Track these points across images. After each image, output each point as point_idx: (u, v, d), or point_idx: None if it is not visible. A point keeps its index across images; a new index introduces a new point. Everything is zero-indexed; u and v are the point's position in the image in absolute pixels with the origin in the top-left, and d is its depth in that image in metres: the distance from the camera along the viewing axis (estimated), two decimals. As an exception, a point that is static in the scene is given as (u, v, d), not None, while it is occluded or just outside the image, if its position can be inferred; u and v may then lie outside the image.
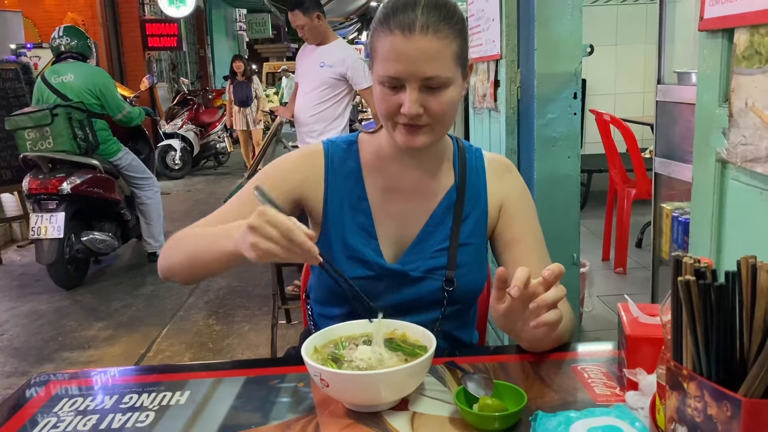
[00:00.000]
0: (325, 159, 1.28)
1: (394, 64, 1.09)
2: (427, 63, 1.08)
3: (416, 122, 1.13)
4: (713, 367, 0.69)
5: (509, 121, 2.51)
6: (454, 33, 1.11)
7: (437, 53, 1.09)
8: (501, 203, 1.29)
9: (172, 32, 10.38)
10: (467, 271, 1.25)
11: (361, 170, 1.27)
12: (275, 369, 1.13)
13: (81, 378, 1.15)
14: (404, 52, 1.08)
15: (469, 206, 1.27)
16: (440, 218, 1.27)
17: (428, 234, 1.26)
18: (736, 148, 1.19)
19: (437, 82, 1.10)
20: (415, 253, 1.25)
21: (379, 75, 1.14)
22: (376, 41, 1.14)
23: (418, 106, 1.11)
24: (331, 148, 1.29)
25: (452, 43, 1.11)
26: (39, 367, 3.29)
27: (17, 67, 5.71)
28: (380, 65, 1.13)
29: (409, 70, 1.09)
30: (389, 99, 1.13)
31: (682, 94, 1.97)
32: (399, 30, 1.09)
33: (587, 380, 1.03)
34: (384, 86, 1.13)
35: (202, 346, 3.46)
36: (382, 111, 1.16)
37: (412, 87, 1.10)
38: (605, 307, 3.45)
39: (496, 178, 1.31)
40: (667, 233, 2.09)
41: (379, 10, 1.16)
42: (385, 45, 1.11)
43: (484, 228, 1.29)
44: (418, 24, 1.08)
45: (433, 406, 0.97)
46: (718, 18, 1.20)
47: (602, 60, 5.04)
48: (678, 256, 0.73)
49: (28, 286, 4.64)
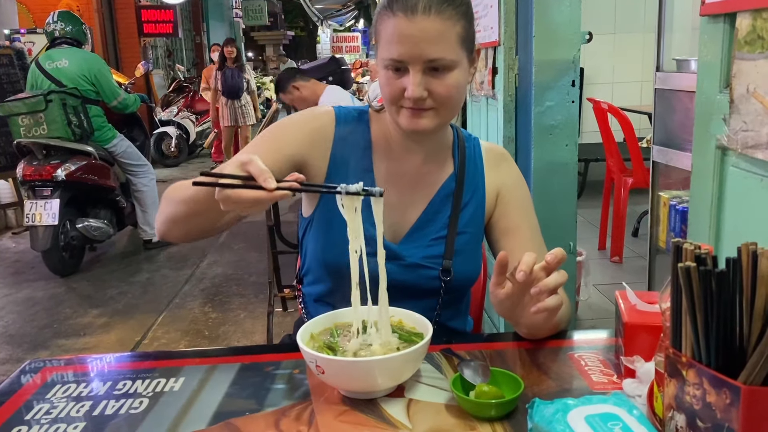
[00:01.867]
0: (336, 125, 1.26)
1: (397, 46, 1.09)
2: (431, 44, 1.07)
3: (420, 105, 1.11)
4: (712, 355, 0.69)
5: (507, 109, 2.50)
6: (458, 14, 1.10)
7: (441, 34, 1.08)
8: (498, 192, 1.29)
9: (167, 18, 10.30)
10: (464, 260, 1.25)
11: (371, 145, 1.26)
12: (270, 356, 1.13)
13: (75, 364, 1.14)
14: (407, 34, 1.07)
15: (467, 195, 1.27)
16: (438, 206, 1.26)
17: (426, 222, 1.25)
18: (737, 135, 1.18)
19: (441, 64, 1.09)
20: (413, 240, 1.24)
21: (383, 58, 1.13)
22: (380, 25, 1.13)
23: (422, 89, 1.09)
24: (342, 114, 1.28)
25: (456, 24, 1.10)
26: (34, 354, 3.29)
27: (11, 53, 5.67)
28: (384, 48, 1.12)
29: (412, 52, 1.08)
30: (393, 83, 1.12)
31: (681, 82, 1.96)
32: (402, 12, 1.08)
33: (584, 368, 1.03)
34: (388, 70, 1.12)
35: (198, 334, 3.45)
36: (386, 95, 1.15)
37: (415, 69, 1.09)
38: (601, 296, 3.46)
39: (493, 167, 1.30)
40: (664, 222, 2.09)
41: None
42: (388, 28, 1.10)
43: (482, 217, 1.28)
44: (420, 5, 1.07)
45: (430, 393, 0.97)
46: (720, 2, 1.19)
47: (600, 48, 5.01)
48: (678, 242, 0.72)
49: (23, 273, 4.62)
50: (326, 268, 1.26)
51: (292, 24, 24.56)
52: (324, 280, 1.28)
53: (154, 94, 9.42)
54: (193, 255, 4.82)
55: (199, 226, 1.16)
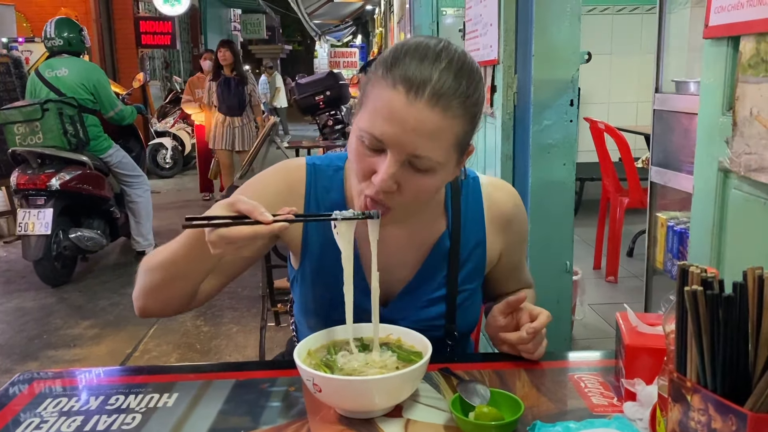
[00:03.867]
0: (307, 186, 1.14)
1: (383, 123, 0.92)
2: (422, 139, 0.91)
3: (382, 199, 0.97)
4: (719, 380, 0.68)
5: (505, 127, 2.50)
6: (465, 114, 0.94)
7: (437, 132, 0.92)
8: (501, 251, 1.22)
9: (166, 30, 10.34)
10: (465, 313, 1.19)
11: (345, 204, 1.13)
12: (266, 372, 1.11)
13: (66, 378, 1.11)
14: (400, 116, 0.90)
15: (465, 252, 1.17)
16: (433, 267, 1.16)
17: (419, 283, 1.16)
18: (740, 157, 1.18)
19: (424, 163, 0.93)
20: (403, 302, 1.16)
21: (361, 127, 0.95)
22: (372, 88, 0.95)
23: (393, 182, 0.94)
24: (314, 173, 1.15)
25: (458, 124, 0.93)
26: (23, 364, 3.24)
27: (8, 61, 5.67)
28: (367, 116, 0.95)
29: (399, 139, 0.91)
30: (364, 159, 0.96)
31: (680, 103, 1.97)
32: (404, 87, 0.90)
33: (584, 389, 1.02)
34: (362, 142, 0.96)
35: (190, 347, 3.42)
36: (355, 170, 1.00)
37: (394, 158, 0.93)
38: (596, 316, 3.44)
39: (497, 231, 1.19)
40: (661, 243, 2.08)
41: (389, 50, 0.97)
42: (382, 97, 0.92)
43: (482, 269, 1.21)
44: (429, 89, 0.90)
45: (428, 413, 0.95)
46: (724, 26, 1.19)
47: (597, 69, 5.04)
48: (684, 265, 0.72)
49: (14, 282, 4.58)
50: (314, 320, 1.18)
51: (289, 38, 24.68)
52: (312, 326, 1.20)
53: (151, 105, 9.41)
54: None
55: (178, 293, 1.08)
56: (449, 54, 0.94)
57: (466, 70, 0.94)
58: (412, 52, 0.93)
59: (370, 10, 17.26)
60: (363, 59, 20.08)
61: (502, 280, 1.28)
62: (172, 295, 1.09)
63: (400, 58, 0.92)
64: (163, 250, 1.05)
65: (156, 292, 1.09)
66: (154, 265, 1.06)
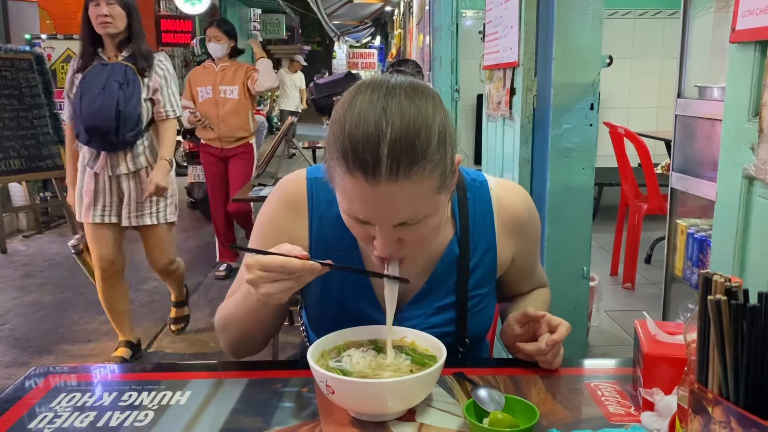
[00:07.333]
0: (309, 202, 1.13)
1: (359, 207, 0.92)
2: (400, 208, 0.90)
3: (391, 255, 0.98)
4: (741, 392, 0.66)
5: (524, 130, 2.48)
6: (432, 165, 0.89)
7: (412, 197, 0.90)
8: (513, 255, 1.20)
9: (186, 29, 10.40)
10: (477, 318, 1.18)
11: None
12: (279, 372, 1.10)
13: (80, 372, 1.12)
14: (371, 198, 0.89)
15: (474, 258, 1.15)
16: (442, 276, 1.15)
17: (428, 291, 1.15)
18: (765, 165, 1.16)
19: (415, 219, 0.93)
20: (414, 310, 1.15)
21: (342, 209, 0.97)
22: (335, 170, 0.92)
23: (393, 244, 0.95)
24: (315, 188, 1.13)
25: (431, 177, 0.90)
26: (39, 358, 3.27)
27: (31, 57, 5.72)
28: (342, 199, 0.95)
29: (379, 216, 0.92)
30: (358, 230, 0.98)
31: (703, 109, 1.94)
32: (361, 173, 0.87)
33: (600, 398, 1.00)
34: (349, 217, 0.97)
35: (203, 344, 3.43)
36: (355, 236, 1.02)
37: (383, 230, 0.93)
38: (612, 323, 3.41)
39: (509, 235, 1.17)
40: (681, 250, 2.05)
41: (336, 123, 0.91)
42: (346, 183, 0.90)
43: (493, 274, 1.19)
44: (383, 168, 0.85)
45: (441, 418, 0.94)
46: (751, 30, 1.17)
47: (617, 73, 4.99)
48: (708, 273, 0.70)
49: (32, 276, 4.63)
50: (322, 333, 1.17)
51: (308, 38, 24.76)
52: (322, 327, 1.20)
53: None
54: (202, 265, 4.81)
55: (260, 335, 1.15)
56: (391, 115, 0.87)
57: (417, 123, 0.88)
58: (353, 130, 0.87)
59: (389, 11, 17.26)
60: (381, 60, 20.10)
61: (515, 281, 1.27)
62: (254, 339, 1.16)
63: (345, 143, 0.88)
64: (230, 307, 1.13)
65: (239, 344, 1.16)
66: (225, 323, 1.15)
